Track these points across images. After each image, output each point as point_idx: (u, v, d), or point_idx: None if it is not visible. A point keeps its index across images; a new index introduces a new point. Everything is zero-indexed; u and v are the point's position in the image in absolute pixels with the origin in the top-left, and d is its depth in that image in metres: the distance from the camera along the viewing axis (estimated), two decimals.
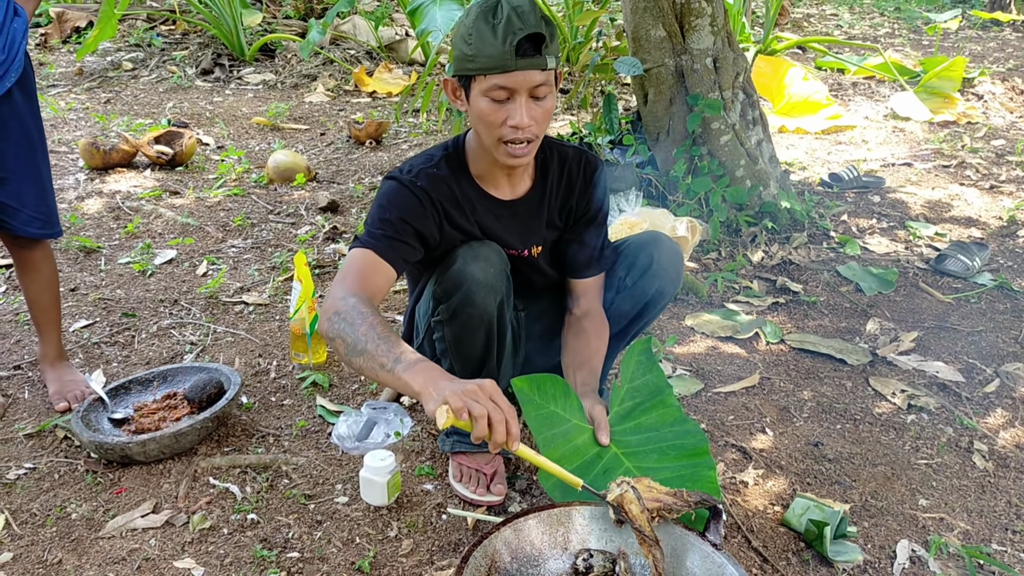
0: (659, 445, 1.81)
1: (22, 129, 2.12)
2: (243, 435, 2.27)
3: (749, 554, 1.90)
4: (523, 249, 1.97)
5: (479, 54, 1.65)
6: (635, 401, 1.91)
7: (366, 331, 1.53)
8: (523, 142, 1.72)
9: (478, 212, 1.88)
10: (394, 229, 1.76)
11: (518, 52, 1.62)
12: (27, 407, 2.38)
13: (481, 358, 1.91)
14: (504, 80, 1.65)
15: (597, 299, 2.08)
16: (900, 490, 2.12)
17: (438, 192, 1.82)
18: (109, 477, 2.10)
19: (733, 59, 3.33)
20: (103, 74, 5.92)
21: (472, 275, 1.79)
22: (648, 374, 1.94)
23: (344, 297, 1.62)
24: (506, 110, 1.69)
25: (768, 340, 2.79)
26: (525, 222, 1.95)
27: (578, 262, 2.04)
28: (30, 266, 2.32)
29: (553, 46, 1.68)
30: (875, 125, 5.40)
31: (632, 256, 2.05)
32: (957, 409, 2.45)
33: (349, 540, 1.92)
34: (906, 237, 3.65)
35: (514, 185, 1.92)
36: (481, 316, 1.81)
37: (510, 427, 1.38)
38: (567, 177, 1.96)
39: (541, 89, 1.69)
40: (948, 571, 1.87)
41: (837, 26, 8.77)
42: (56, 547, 1.88)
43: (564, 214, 2.00)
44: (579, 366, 1.98)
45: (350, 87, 5.98)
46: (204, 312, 2.91)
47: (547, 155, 1.95)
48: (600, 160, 2.03)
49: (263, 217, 3.72)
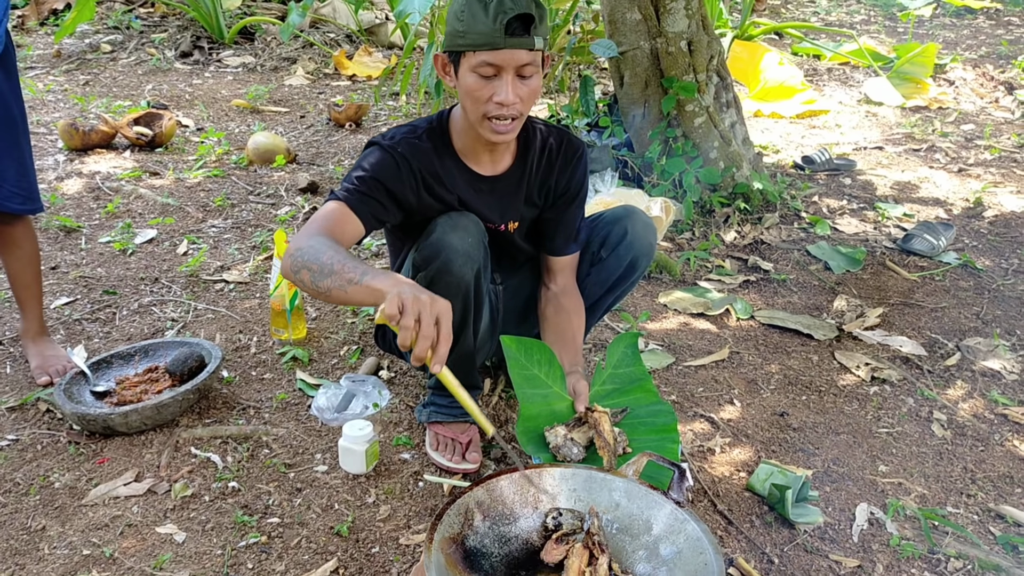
0: (631, 421, 1.88)
1: (3, 106, 2.14)
2: (224, 407, 2.32)
3: (715, 517, 1.98)
4: (500, 224, 2.02)
5: (470, 31, 1.70)
6: (615, 386, 1.97)
7: (332, 255, 1.57)
8: (507, 119, 1.77)
9: (458, 185, 1.93)
10: (367, 186, 1.81)
11: (507, 31, 1.67)
12: (9, 381, 2.41)
13: (458, 325, 1.96)
14: (492, 57, 1.70)
15: (572, 276, 2.14)
16: (861, 457, 2.20)
17: (418, 161, 1.87)
18: (92, 448, 2.14)
19: (707, 42, 3.38)
20: (81, 56, 5.90)
21: (450, 244, 1.84)
22: (631, 367, 2.00)
23: (309, 236, 1.66)
24: (492, 87, 1.73)
25: (738, 316, 2.86)
26: (504, 198, 2.00)
27: (556, 240, 2.10)
28: (11, 242, 2.35)
29: (542, 28, 1.72)
30: (849, 110, 5.49)
31: (606, 229, 2.11)
32: (919, 381, 2.54)
33: (328, 506, 1.97)
34: (875, 218, 3.74)
35: (495, 161, 1.97)
36: (459, 284, 1.87)
37: (438, 347, 1.40)
38: (548, 157, 2.02)
39: (528, 68, 1.74)
40: (904, 532, 1.95)
41: (814, 13, 8.85)
42: (39, 514, 1.92)
43: (543, 192, 2.05)
44: (564, 345, 2.04)
45: (330, 70, 6.00)
46: (185, 290, 2.94)
47: (529, 134, 2.00)
48: (582, 142, 2.08)
49: (243, 198, 3.75)
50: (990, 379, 2.57)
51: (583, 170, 2.06)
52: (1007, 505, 2.04)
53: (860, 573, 1.83)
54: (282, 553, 1.83)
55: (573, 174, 2.04)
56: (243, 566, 1.79)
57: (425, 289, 1.44)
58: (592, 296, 2.17)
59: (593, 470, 1.62)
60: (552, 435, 1.76)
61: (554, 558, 1.51)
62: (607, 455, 1.69)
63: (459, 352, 2.03)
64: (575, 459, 1.73)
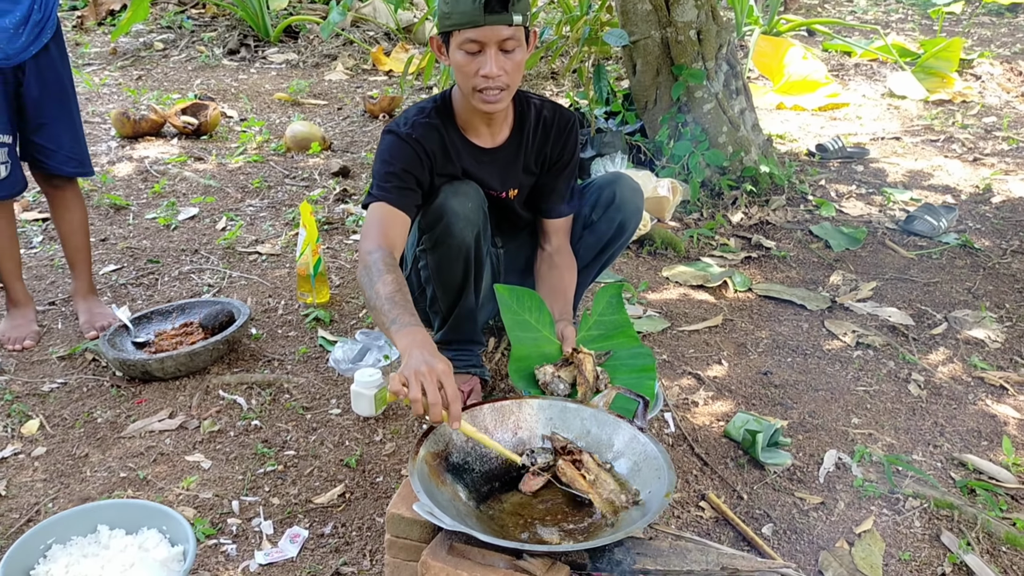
0: (614, 363, 2.05)
1: (57, 79, 2.41)
2: (251, 359, 2.54)
3: (692, 459, 2.15)
4: (501, 191, 2.21)
5: (454, 11, 1.89)
6: (600, 331, 2.15)
7: (380, 289, 1.75)
8: (495, 90, 1.95)
9: (463, 158, 2.13)
10: (400, 179, 2.01)
11: (487, 9, 1.86)
12: (60, 335, 2.67)
13: (460, 285, 2.16)
14: (475, 34, 1.89)
15: (566, 238, 2.33)
16: (836, 411, 2.35)
17: (430, 141, 2.06)
18: (131, 390, 2.38)
19: (716, 32, 3.54)
20: (136, 54, 6.24)
21: (452, 208, 2.04)
22: (615, 314, 2.17)
23: (371, 251, 1.86)
24: (478, 61, 1.92)
25: (736, 288, 3.01)
26: (503, 167, 2.19)
27: (550, 204, 2.28)
28: (64, 206, 2.61)
29: (521, 4, 1.90)
30: (871, 103, 5.58)
31: (596, 194, 2.29)
32: (902, 347, 2.67)
33: (339, 443, 2.19)
34: (881, 202, 3.85)
35: (494, 134, 2.16)
36: (460, 245, 2.06)
37: (450, 408, 1.55)
38: (543, 127, 2.20)
39: (509, 43, 1.92)
40: (868, 475, 2.09)
41: (851, 12, 8.89)
42: (83, 444, 2.16)
43: (539, 161, 2.24)
44: (555, 297, 2.22)
45: (368, 66, 6.25)
46: (221, 260, 3.19)
47: (524, 108, 2.19)
48: (573, 114, 2.26)
49: (279, 180, 4.00)
50: (973, 347, 2.70)
51: (575, 139, 2.24)
52: (971, 455, 2.18)
53: (822, 509, 1.98)
54: (296, 479, 2.05)
55: (566, 143, 2.22)
56: (261, 489, 2.01)
57: (430, 355, 1.59)
58: (585, 257, 2.35)
59: (567, 401, 1.81)
60: (541, 373, 1.94)
61: (531, 487, 1.69)
62: (583, 389, 1.87)
63: (461, 310, 2.23)
64: (561, 394, 1.91)
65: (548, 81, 5.60)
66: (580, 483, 1.62)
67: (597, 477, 1.63)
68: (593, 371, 1.94)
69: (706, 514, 1.96)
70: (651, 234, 3.28)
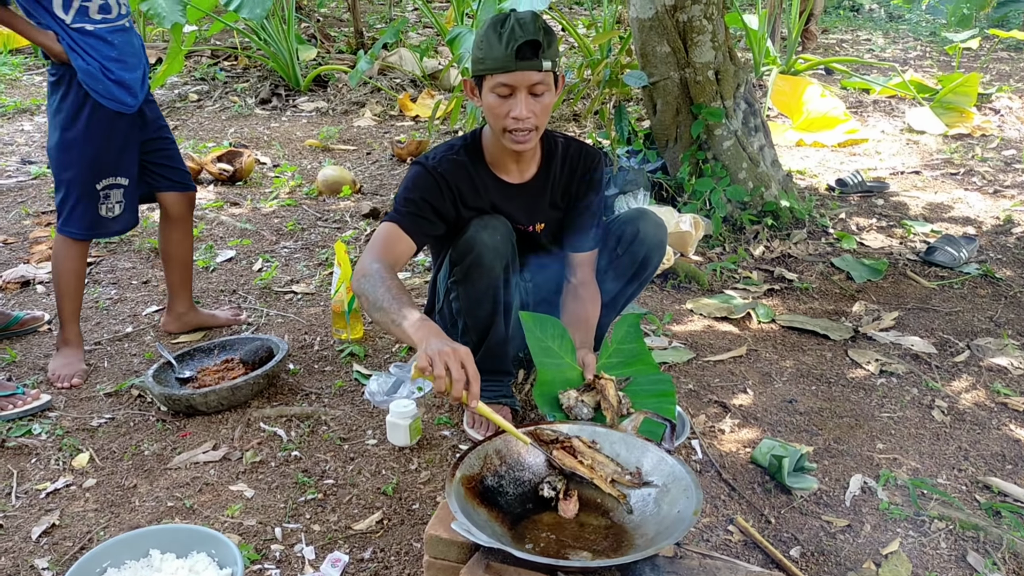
0: (635, 388, 2.12)
1: (163, 122, 2.81)
2: (289, 393, 2.63)
3: (719, 484, 2.20)
4: (528, 225, 2.31)
5: (487, 57, 2.01)
6: (620, 359, 2.22)
7: (384, 292, 1.88)
8: (524, 131, 2.07)
9: (491, 193, 2.23)
10: (416, 207, 2.13)
11: (518, 55, 1.97)
12: (107, 373, 2.78)
13: (490, 315, 2.25)
14: (507, 79, 2.01)
15: (591, 271, 2.41)
16: (861, 437, 2.39)
17: (455, 176, 2.18)
18: (176, 424, 2.48)
19: (734, 71, 3.65)
20: (171, 105, 6.46)
21: (481, 240, 2.13)
22: (634, 343, 2.24)
23: (371, 263, 1.99)
24: (509, 104, 2.04)
25: (760, 319, 3.07)
26: (530, 202, 2.29)
27: (576, 238, 2.37)
28: (182, 218, 2.90)
29: (550, 51, 2.02)
30: (890, 138, 5.65)
31: (620, 229, 2.38)
32: (925, 375, 2.71)
33: (376, 472, 2.26)
34: (902, 234, 3.91)
35: (522, 170, 2.26)
36: (489, 275, 2.16)
37: (470, 387, 1.66)
38: (568, 165, 2.31)
39: (539, 87, 2.03)
40: (894, 498, 2.13)
41: (869, 50, 9.00)
42: (131, 475, 2.26)
43: (565, 196, 2.34)
44: (578, 326, 2.30)
45: (395, 112, 6.42)
46: (259, 299, 3.30)
47: (552, 146, 2.30)
48: (599, 152, 2.37)
49: (312, 223, 4.13)
50: (995, 374, 2.73)
51: (599, 176, 2.34)
52: (995, 478, 2.21)
53: (849, 532, 2.03)
54: (335, 507, 2.12)
55: (591, 179, 2.32)
56: (302, 516, 2.09)
57: (449, 340, 1.71)
58: (611, 291, 2.43)
59: (597, 426, 1.88)
60: (565, 397, 2.02)
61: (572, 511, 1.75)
62: (610, 414, 1.94)
63: (492, 340, 2.31)
64: (585, 418, 1.98)
65: (570, 123, 5.73)
66: (581, 469, 1.71)
67: (594, 460, 1.73)
68: (616, 395, 2.01)
69: (735, 537, 2.00)
70: (675, 268, 3.35)
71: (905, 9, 11.77)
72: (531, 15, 2.02)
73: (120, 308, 3.23)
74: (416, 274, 3.56)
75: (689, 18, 3.53)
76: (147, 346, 2.92)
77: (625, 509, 1.69)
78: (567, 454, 1.74)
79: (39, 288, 3.38)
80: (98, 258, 3.66)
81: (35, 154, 5.21)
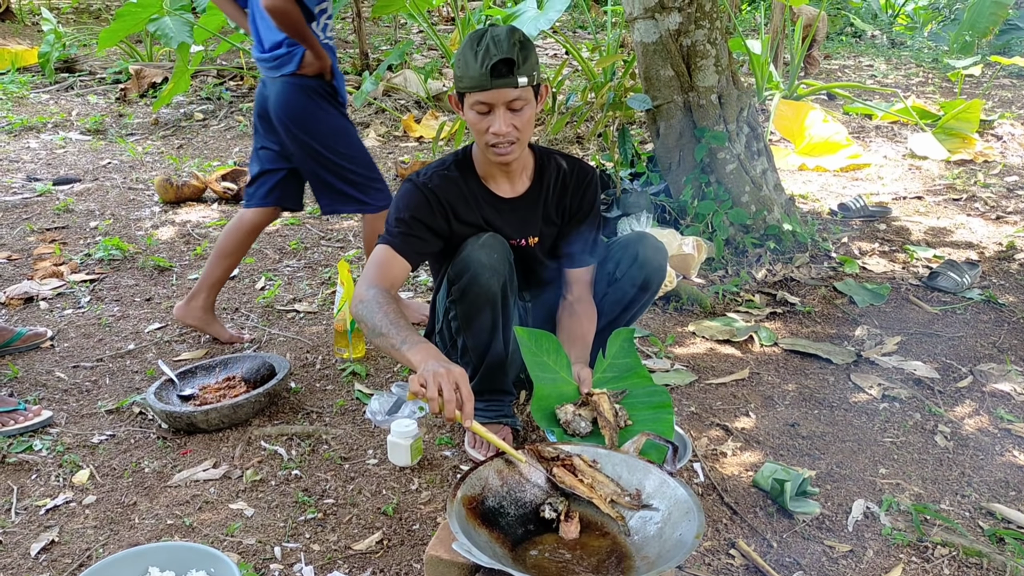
0: (631, 401, 2.12)
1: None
2: (290, 411, 2.63)
3: (721, 508, 2.19)
4: (520, 239, 2.32)
5: (465, 75, 2.03)
6: (614, 374, 2.22)
7: (382, 318, 1.92)
8: (505, 144, 2.08)
9: (482, 207, 2.25)
10: (407, 227, 2.15)
11: (493, 74, 1.99)
12: (108, 390, 2.77)
13: (488, 334, 2.25)
14: (483, 97, 2.02)
15: (588, 287, 2.41)
16: (863, 461, 2.38)
17: (446, 191, 2.19)
18: (177, 442, 2.47)
19: (737, 96, 3.67)
20: (176, 124, 6.49)
21: (478, 259, 2.14)
22: (627, 357, 2.25)
23: (367, 288, 2.02)
24: (488, 120, 2.06)
25: (762, 343, 3.07)
26: (522, 216, 2.30)
27: (572, 254, 2.38)
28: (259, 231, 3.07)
29: (526, 67, 2.03)
30: (892, 163, 5.67)
31: (620, 253, 2.38)
32: (928, 400, 2.71)
33: (377, 492, 2.25)
34: (904, 259, 3.91)
35: (513, 184, 2.28)
36: (486, 294, 2.16)
37: (463, 408, 1.70)
38: (562, 180, 2.32)
39: (516, 103, 2.05)
40: (897, 524, 2.12)
41: (871, 76, 9.04)
42: (131, 493, 2.25)
43: (560, 211, 2.35)
44: (573, 342, 2.30)
45: (399, 133, 6.46)
46: (261, 318, 3.30)
47: (545, 162, 2.31)
48: (593, 168, 2.38)
49: (315, 242, 4.14)
50: (999, 399, 2.73)
51: (594, 191, 2.35)
52: (999, 504, 2.20)
53: (851, 557, 2.01)
54: (335, 527, 2.11)
55: (585, 195, 2.34)
56: (302, 535, 2.08)
57: (447, 362, 1.75)
58: (611, 314, 2.42)
59: (598, 448, 1.87)
60: (562, 412, 2.01)
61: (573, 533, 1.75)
62: (608, 433, 1.93)
63: (491, 360, 2.31)
64: (583, 432, 1.98)
65: (574, 145, 5.75)
66: (580, 488, 1.72)
67: (594, 479, 1.72)
68: (611, 409, 1.99)
69: (736, 561, 1.99)
70: (677, 290, 3.36)
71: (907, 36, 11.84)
72: (506, 31, 2.03)
73: (123, 325, 3.23)
74: (419, 293, 3.56)
75: (693, 42, 3.56)
76: (149, 363, 2.92)
77: (623, 530, 1.69)
78: (567, 472, 1.74)
79: (42, 304, 3.38)
80: (101, 275, 3.67)
81: (40, 171, 5.24)
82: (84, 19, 10.51)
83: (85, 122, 6.36)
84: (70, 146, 5.82)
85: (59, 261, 3.78)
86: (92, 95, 7.28)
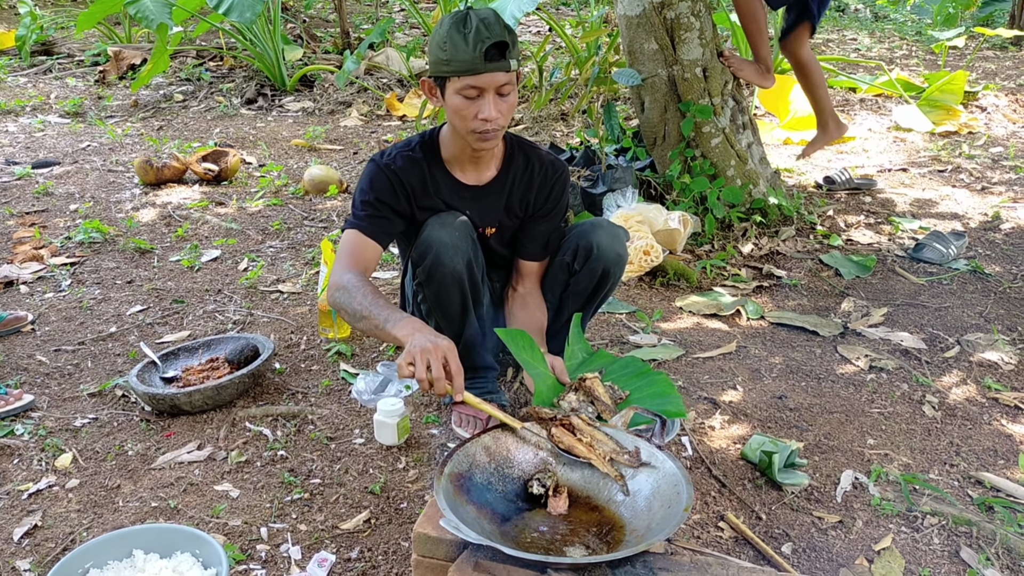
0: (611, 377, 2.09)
1: None
2: (275, 392, 2.60)
3: (710, 481, 2.18)
4: (479, 227, 2.29)
5: (453, 59, 1.97)
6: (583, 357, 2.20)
7: (361, 300, 1.91)
8: (493, 131, 2.05)
9: (442, 192, 2.21)
10: (373, 208, 2.13)
11: (486, 57, 1.95)
12: (90, 373, 2.74)
13: (460, 313, 2.23)
14: (475, 81, 1.98)
15: (537, 280, 2.41)
16: (851, 432, 2.38)
17: (408, 173, 2.16)
18: (160, 424, 2.44)
19: (721, 69, 3.64)
20: (156, 105, 6.41)
21: (439, 239, 2.11)
22: (578, 343, 2.21)
23: (342, 274, 2.01)
24: (477, 105, 2.01)
25: (749, 316, 3.06)
26: (484, 205, 2.27)
27: (529, 246, 2.36)
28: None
29: (515, 51, 2.00)
30: (877, 136, 5.66)
31: (575, 242, 2.33)
32: (915, 371, 2.71)
33: (364, 471, 2.24)
34: (890, 231, 3.91)
35: (479, 172, 2.25)
36: (452, 274, 2.14)
37: (454, 381, 1.70)
38: (529, 174, 2.29)
39: (506, 87, 2.01)
40: (886, 494, 2.12)
41: (855, 49, 9.01)
42: (115, 476, 2.22)
43: (523, 205, 2.31)
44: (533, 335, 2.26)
45: (382, 112, 6.39)
46: (244, 299, 3.26)
47: (514, 152, 2.27)
48: (565, 166, 2.35)
49: (298, 222, 4.10)
50: (986, 369, 2.73)
51: (560, 189, 2.32)
52: (987, 473, 2.20)
53: (840, 528, 2.01)
54: (322, 506, 2.09)
55: (551, 192, 2.31)
56: (288, 516, 2.06)
57: (433, 335, 1.73)
58: (573, 305, 2.38)
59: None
60: (566, 401, 1.97)
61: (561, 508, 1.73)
62: (608, 415, 1.89)
63: (467, 337, 2.29)
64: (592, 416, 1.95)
65: (558, 122, 5.71)
66: (579, 448, 1.70)
67: (592, 437, 1.71)
68: (606, 392, 1.98)
69: (725, 534, 1.99)
70: (663, 265, 3.34)
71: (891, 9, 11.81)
72: (493, 14, 1.99)
73: (104, 308, 3.18)
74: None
75: (676, 15, 3.52)
76: (131, 346, 2.89)
77: (623, 489, 1.67)
78: (566, 431, 1.73)
79: (23, 288, 3.34)
80: (82, 258, 3.62)
81: (19, 155, 5.16)
82: (61, 2, 10.35)
83: (64, 105, 6.26)
84: (49, 129, 5.73)
85: (39, 244, 3.73)
86: (71, 78, 7.18)
